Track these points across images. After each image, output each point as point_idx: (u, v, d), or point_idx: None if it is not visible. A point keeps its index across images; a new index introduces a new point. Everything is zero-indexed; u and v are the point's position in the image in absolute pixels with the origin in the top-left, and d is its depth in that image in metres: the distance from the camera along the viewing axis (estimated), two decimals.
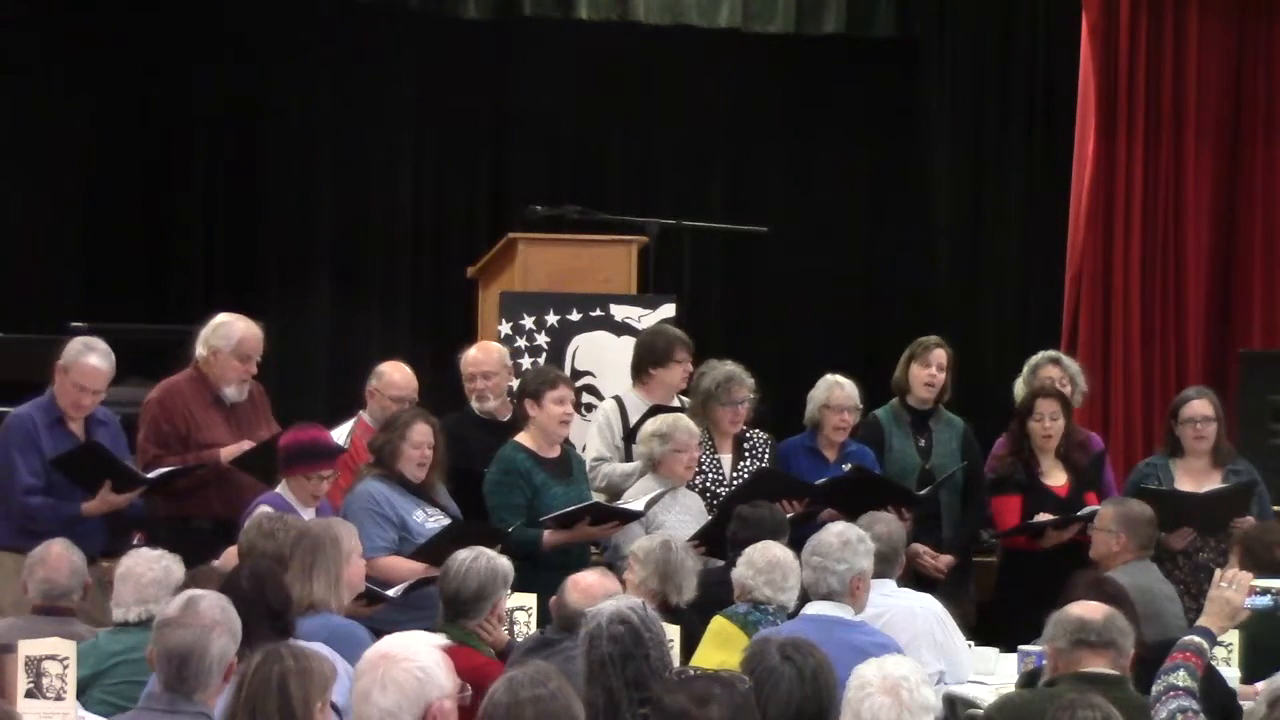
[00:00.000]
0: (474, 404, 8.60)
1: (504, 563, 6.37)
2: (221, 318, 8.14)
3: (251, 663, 4.47)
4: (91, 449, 7.87)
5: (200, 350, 8.10)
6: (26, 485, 7.74)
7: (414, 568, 7.42)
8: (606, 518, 7.94)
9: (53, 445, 7.80)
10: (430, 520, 7.66)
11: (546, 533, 7.88)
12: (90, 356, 7.83)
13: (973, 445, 8.98)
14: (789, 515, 7.81)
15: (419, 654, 4.27)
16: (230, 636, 4.80)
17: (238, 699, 4.45)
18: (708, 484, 8.50)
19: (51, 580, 6.35)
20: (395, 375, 8.51)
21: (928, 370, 8.91)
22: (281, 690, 4.36)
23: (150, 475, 7.85)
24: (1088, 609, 5.57)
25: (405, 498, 7.67)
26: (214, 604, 4.84)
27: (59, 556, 6.39)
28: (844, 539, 6.44)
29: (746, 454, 8.61)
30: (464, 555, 6.32)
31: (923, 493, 8.64)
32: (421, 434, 7.70)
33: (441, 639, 4.49)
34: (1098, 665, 5.40)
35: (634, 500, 8.06)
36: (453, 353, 9.82)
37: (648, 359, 8.68)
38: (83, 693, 5.79)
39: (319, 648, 5.08)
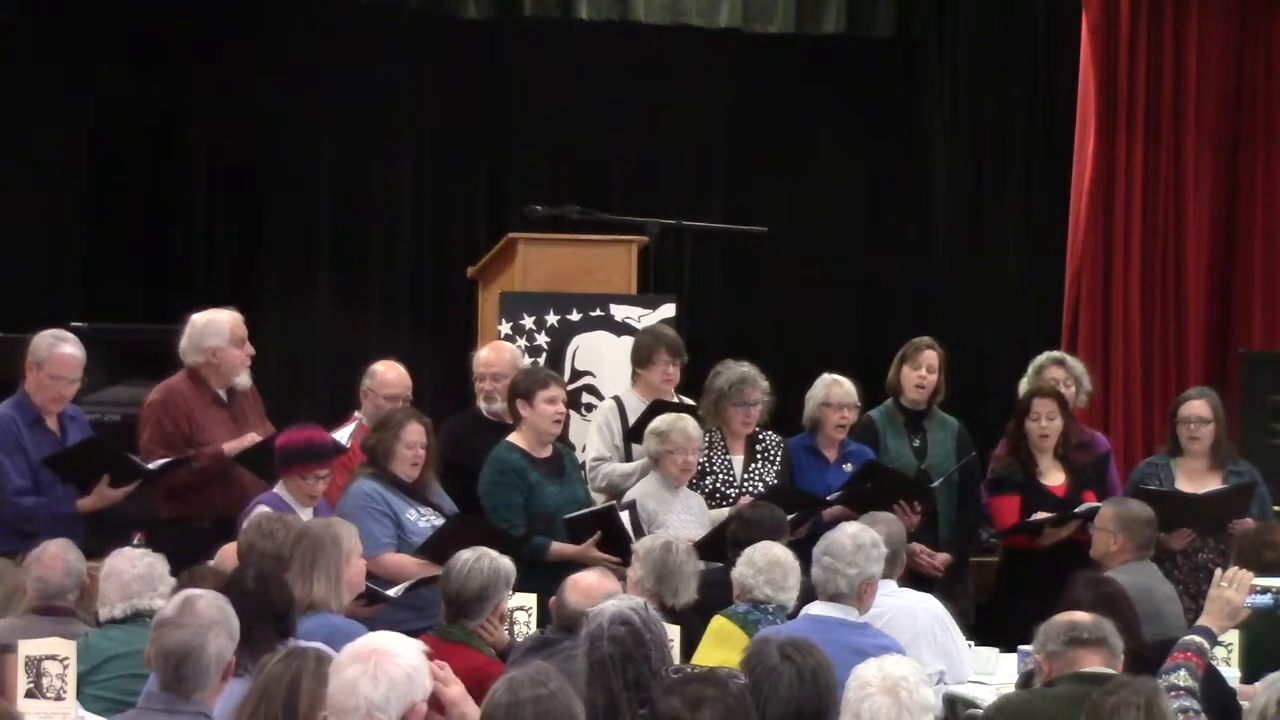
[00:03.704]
0: (482, 404, 8.62)
1: (506, 563, 6.39)
2: (199, 319, 8.15)
3: (275, 656, 4.47)
4: (92, 445, 7.86)
5: (194, 357, 8.10)
6: (17, 487, 7.70)
7: (419, 566, 7.44)
8: (613, 542, 7.89)
9: (34, 444, 7.77)
10: (422, 520, 7.68)
11: (554, 545, 7.91)
12: (64, 346, 7.81)
13: (968, 445, 8.99)
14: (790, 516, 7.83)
15: (408, 653, 4.27)
16: (228, 636, 4.80)
17: (253, 686, 4.45)
18: (718, 485, 8.50)
19: (45, 579, 6.35)
20: (389, 374, 8.51)
21: (918, 372, 8.93)
22: (292, 686, 4.36)
23: (150, 466, 7.84)
24: (1073, 613, 5.60)
25: (398, 497, 7.69)
26: (211, 603, 4.84)
27: (54, 556, 6.39)
28: (858, 542, 6.41)
29: (758, 455, 8.61)
30: (467, 555, 6.34)
31: (935, 484, 8.66)
32: (415, 434, 7.71)
33: (421, 643, 4.48)
34: (1094, 664, 5.40)
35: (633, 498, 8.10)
36: (453, 353, 9.85)
37: (634, 359, 8.77)
38: (77, 691, 5.78)
39: (320, 647, 5.07)
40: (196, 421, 8.04)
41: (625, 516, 7.98)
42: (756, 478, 8.54)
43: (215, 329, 8.10)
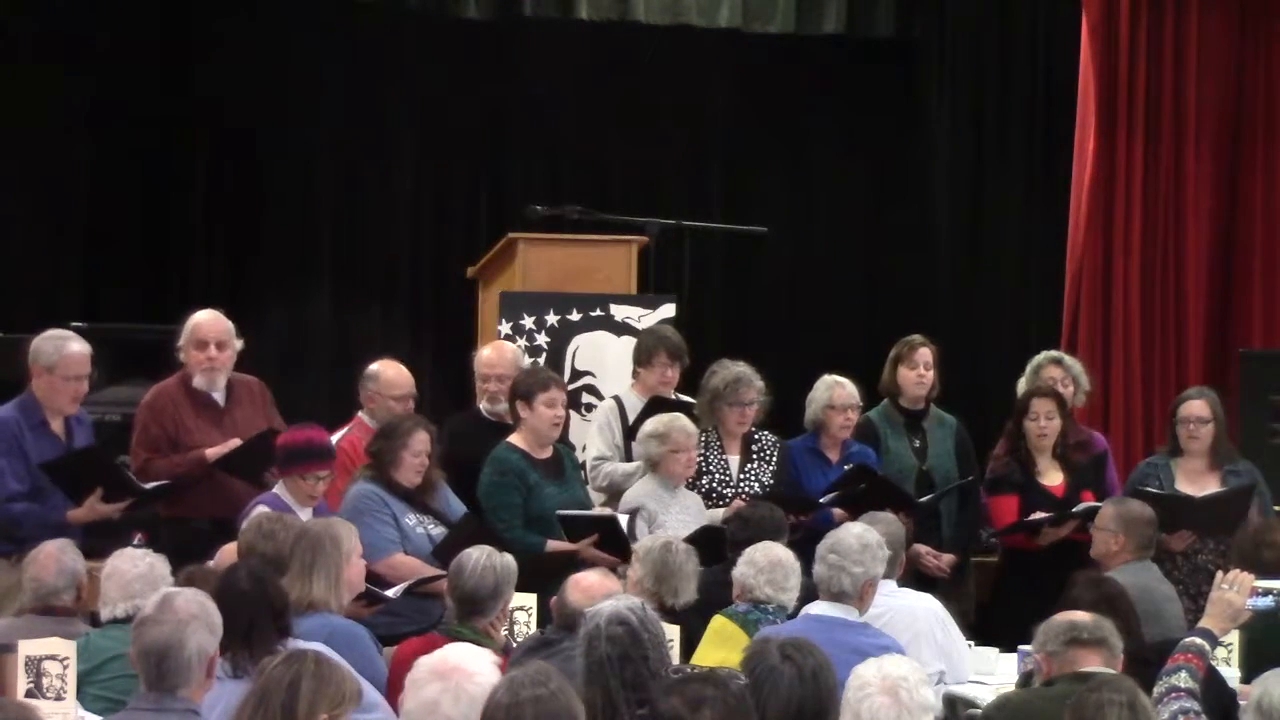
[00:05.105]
0: (484, 404, 8.62)
1: (512, 560, 6.41)
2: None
3: (275, 659, 4.48)
4: (89, 455, 7.83)
5: (180, 354, 8.11)
6: (10, 492, 7.65)
7: (429, 567, 7.46)
8: (609, 543, 7.89)
9: (37, 449, 7.73)
10: (419, 527, 7.70)
11: (551, 542, 7.91)
12: (71, 345, 7.79)
13: (966, 443, 8.99)
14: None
15: (485, 669, 4.32)
16: (208, 631, 4.79)
17: (252, 689, 4.45)
18: (714, 485, 8.50)
19: (39, 580, 6.34)
20: (392, 373, 8.50)
21: (915, 371, 8.92)
22: (292, 688, 4.36)
23: (147, 487, 7.81)
24: (1074, 613, 5.62)
25: (397, 501, 7.69)
26: (190, 599, 4.84)
27: (49, 556, 6.38)
28: (864, 542, 6.42)
29: (754, 455, 8.61)
30: (476, 554, 6.36)
31: (924, 500, 8.64)
32: (422, 443, 7.73)
33: (489, 652, 4.50)
34: (1093, 664, 5.41)
35: (633, 504, 8.12)
36: (453, 353, 9.84)
37: (635, 358, 8.80)
38: (78, 690, 5.78)
39: (320, 648, 5.08)
40: (183, 424, 8.00)
41: (623, 521, 7.96)
42: (752, 477, 8.54)
43: (185, 328, 8.09)
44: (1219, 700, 5.99)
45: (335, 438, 8.04)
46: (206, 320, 8.09)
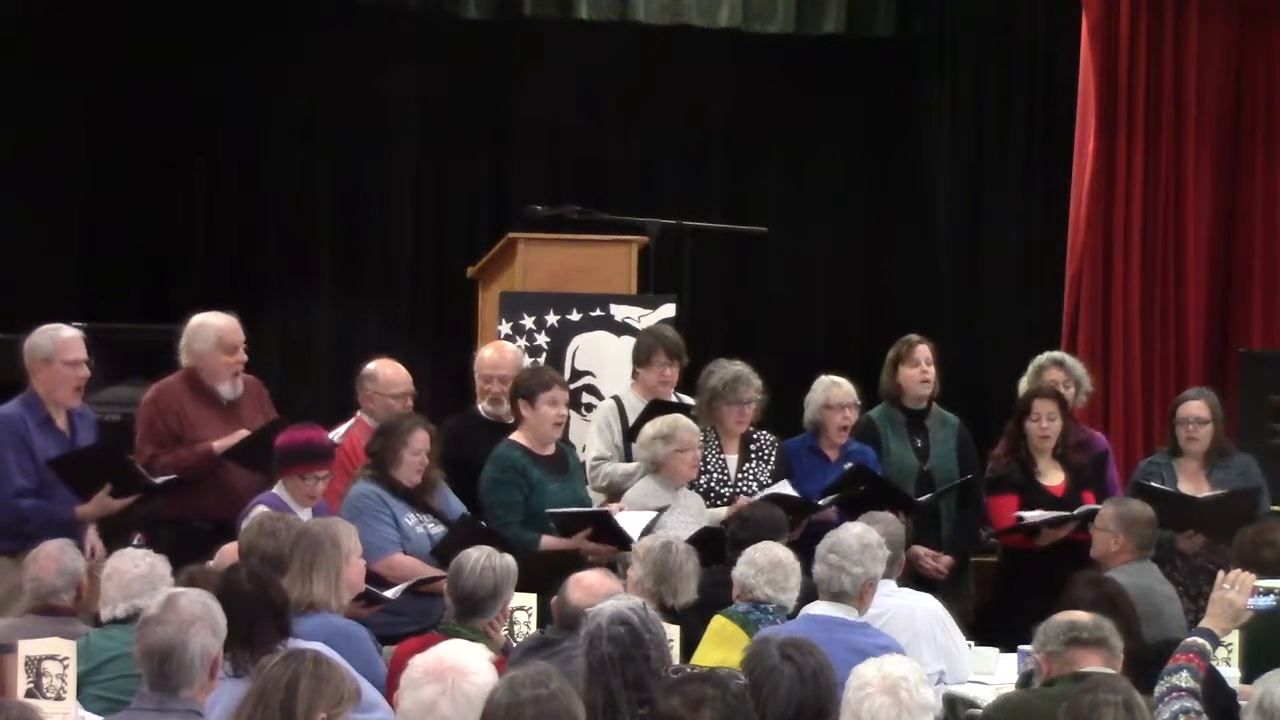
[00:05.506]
0: (486, 405, 8.62)
1: (512, 561, 6.41)
2: (196, 320, 8.15)
3: (274, 658, 4.48)
4: (99, 451, 7.84)
5: (185, 358, 8.10)
6: (18, 488, 7.66)
7: (429, 567, 7.47)
8: (605, 535, 7.90)
9: (44, 445, 7.74)
10: (419, 526, 7.70)
11: (545, 537, 7.90)
12: (64, 332, 7.82)
13: (968, 443, 8.98)
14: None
15: (482, 668, 4.32)
16: (211, 632, 4.80)
17: (251, 688, 4.46)
18: (712, 484, 8.49)
19: (39, 579, 6.35)
20: (389, 372, 8.51)
21: (917, 369, 8.90)
22: (290, 688, 4.36)
23: (157, 481, 7.82)
24: (1074, 613, 5.62)
25: (397, 501, 7.70)
26: (194, 600, 4.84)
27: (48, 556, 6.39)
28: (864, 542, 6.42)
29: (753, 455, 8.61)
30: (476, 555, 6.36)
31: (923, 499, 8.64)
32: (422, 441, 7.74)
33: (484, 649, 4.50)
34: (1093, 664, 5.41)
35: (634, 505, 8.10)
36: (453, 353, 9.83)
37: (634, 358, 8.79)
38: (78, 690, 5.79)
39: (320, 647, 5.08)
40: (188, 419, 8.01)
41: (649, 518, 7.93)
42: (751, 477, 8.54)
43: (203, 334, 8.08)
44: (1219, 700, 5.99)
45: (335, 437, 8.04)
46: (229, 325, 8.12)
